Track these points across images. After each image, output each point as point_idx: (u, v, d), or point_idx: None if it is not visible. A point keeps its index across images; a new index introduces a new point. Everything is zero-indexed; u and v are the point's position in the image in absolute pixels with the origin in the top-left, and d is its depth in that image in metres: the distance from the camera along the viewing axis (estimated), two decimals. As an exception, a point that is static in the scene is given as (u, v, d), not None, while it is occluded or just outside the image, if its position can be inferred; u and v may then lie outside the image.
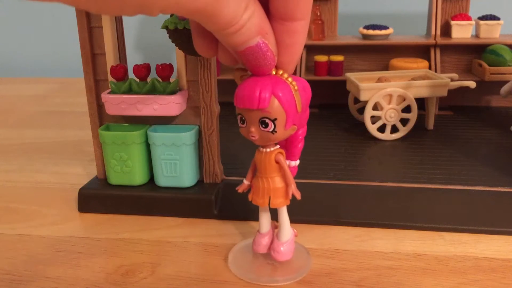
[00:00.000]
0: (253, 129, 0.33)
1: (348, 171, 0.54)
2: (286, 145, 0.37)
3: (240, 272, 0.38)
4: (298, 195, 0.36)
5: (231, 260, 0.40)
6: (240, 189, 0.39)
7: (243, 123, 0.34)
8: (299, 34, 0.30)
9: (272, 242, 0.39)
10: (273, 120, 0.32)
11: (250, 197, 0.38)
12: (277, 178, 0.36)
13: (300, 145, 0.37)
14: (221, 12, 0.25)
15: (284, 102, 0.32)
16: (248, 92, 0.32)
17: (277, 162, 0.36)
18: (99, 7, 0.23)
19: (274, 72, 0.32)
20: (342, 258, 0.40)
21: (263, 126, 0.33)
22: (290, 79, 0.33)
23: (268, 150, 0.36)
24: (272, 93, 0.32)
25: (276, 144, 0.36)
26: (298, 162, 0.38)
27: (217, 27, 0.27)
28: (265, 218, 0.39)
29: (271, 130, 0.33)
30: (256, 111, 0.32)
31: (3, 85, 1.06)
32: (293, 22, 0.29)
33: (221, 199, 0.48)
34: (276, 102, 0.32)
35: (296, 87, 0.33)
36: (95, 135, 0.50)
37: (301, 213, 0.39)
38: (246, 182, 0.38)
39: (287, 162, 0.37)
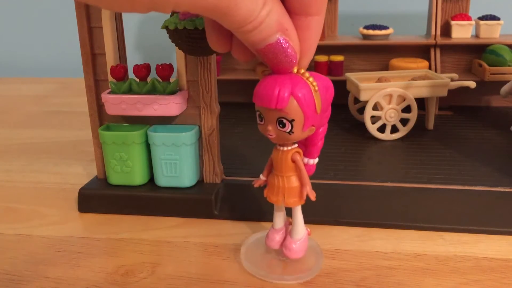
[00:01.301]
0: (270, 128, 0.33)
1: (348, 171, 0.54)
2: (306, 142, 0.37)
3: (251, 267, 0.38)
4: (312, 196, 0.36)
5: (244, 254, 0.40)
6: (256, 183, 0.38)
7: (261, 120, 0.33)
8: (312, 29, 0.30)
9: (285, 239, 0.39)
10: (291, 121, 0.32)
11: (265, 193, 0.38)
12: (292, 178, 0.36)
13: (320, 143, 0.36)
14: (237, 9, 0.25)
15: (303, 103, 0.31)
16: (267, 91, 0.31)
17: (293, 161, 0.35)
18: (109, 3, 0.22)
19: (295, 71, 0.31)
20: (342, 258, 0.40)
21: (281, 126, 0.32)
22: (311, 79, 0.32)
23: (285, 148, 0.35)
24: (291, 93, 0.31)
25: (294, 143, 0.35)
26: (316, 160, 0.37)
27: (234, 25, 0.26)
28: (279, 215, 0.39)
29: (288, 130, 0.32)
30: (274, 111, 0.32)
31: (3, 85, 1.06)
32: (307, 17, 0.29)
33: (221, 199, 0.48)
34: (294, 103, 0.31)
35: (316, 88, 0.32)
36: (95, 135, 0.50)
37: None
38: (262, 177, 0.38)
39: (305, 159, 0.37)
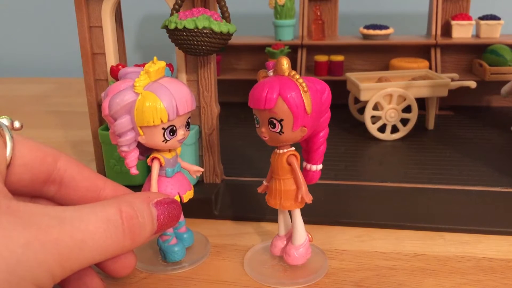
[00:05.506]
0: (263, 129, 0.34)
1: (348, 171, 0.54)
2: (307, 148, 0.37)
3: (251, 271, 0.38)
4: (308, 199, 0.36)
5: (247, 258, 0.40)
6: (259, 189, 0.39)
7: (257, 123, 0.35)
8: None
9: (286, 245, 0.39)
10: (280, 121, 0.33)
11: (266, 197, 0.38)
12: (289, 180, 0.36)
13: (322, 148, 0.36)
14: None
15: (291, 103, 0.32)
16: (257, 93, 0.33)
17: (289, 164, 0.35)
18: None
19: (287, 73, 0.33)
20: (342, 259, 0.40)
21: (271, 126, 0.33)
22: (300, 80, 0.32)
23: (281, 151, 0.35)
24: (279, 94, 0.32)
25: (291, 146, 0.36)
26: (320, 166, 0.37)
27: None
28: (282, 221, 0.39)
29: (278, 130, 0.33)
30: (265, 112, 0.33)
31: (3, 85, 1.06)
32: None
33: (221, 199, 0.48)
34: (282, 103, 0.32)
35: (305, 89, 0.32)
36: (95, 135, 0.50)
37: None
38: (265, 183, 0.38)
39: (308, 166, 0.37)
